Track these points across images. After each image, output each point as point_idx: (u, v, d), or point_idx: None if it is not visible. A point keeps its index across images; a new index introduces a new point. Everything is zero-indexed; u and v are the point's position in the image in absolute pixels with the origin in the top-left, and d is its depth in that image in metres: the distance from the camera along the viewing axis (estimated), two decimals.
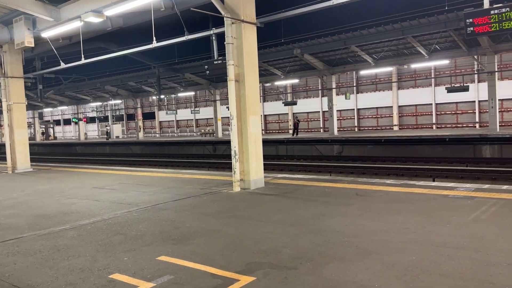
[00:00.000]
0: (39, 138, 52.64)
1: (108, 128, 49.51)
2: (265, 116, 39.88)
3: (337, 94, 32.25)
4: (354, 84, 33.96)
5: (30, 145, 17.91)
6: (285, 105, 33.67)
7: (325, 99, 33.10)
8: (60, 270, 4.70)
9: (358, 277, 4.09)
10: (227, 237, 5.70)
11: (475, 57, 23.65)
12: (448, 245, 4.91)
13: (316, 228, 5.92)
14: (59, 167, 17.75)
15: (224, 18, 9.33)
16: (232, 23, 9.40)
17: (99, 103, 48.69)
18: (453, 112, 29.99)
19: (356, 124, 34.58)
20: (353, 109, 34.57)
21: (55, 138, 56.80)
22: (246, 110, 9.58)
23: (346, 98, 29.75)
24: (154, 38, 12.04)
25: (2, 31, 15.79)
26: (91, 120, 48.39)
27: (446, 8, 14.43)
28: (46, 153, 40.63)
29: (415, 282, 3.89)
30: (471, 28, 7.08)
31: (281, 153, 26.50)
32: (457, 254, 4.61)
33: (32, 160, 17.57)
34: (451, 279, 3.93)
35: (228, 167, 19.92)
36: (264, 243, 5.32)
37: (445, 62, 25.26)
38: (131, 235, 6.03)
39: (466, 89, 22.37)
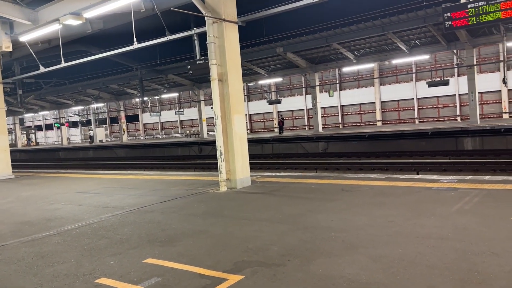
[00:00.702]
0: (20, 144, 51.66)
1: (91, 132, 48.86)
2: (250, 115, 39.88)
3: (321, 92, 32.43)
4: (337, 81, 34.19)
5: (12, 151, 17.58)
6: (269, 104, 33.73)
7: (309, 96, 33.27)
8: (44, 276, 4.62)
9: (346, 271, 4.11)
10: (214, 237, 5.68)
11: (454, 51, 24.04)
12: (433, 237, 4.97)
13: (303, 225, 5.94)
14: (42, 173, 17.45)
15: (205, 17, 9.29)
16: (214, 22, 9.36)
17: (81, 107, 47.97)
18: (435, 106, 30.43)
19: (340, 121, 34.83)
20: (337, 106, 34.82)
21: (37, 144, 55.82)
22: (230, 109, 9.56)
23: (329, 95, 29.95)
24: (135, 39, 11.92)
25: None
26: (74, 124, 47.73)
27: (425, 3, 14.62)
28: (28, 159, 39.92)
29: (402, 274, 3.93)
30: (449, 22, 7.19)
31: (267, 152, 26.53)
32: (442, 245, 4.67)
33: (13, 167, 17.24)
34: (437, 269, 3.99)
35: (214, 167, 19.87)
36: (251, 242, 5.31)
37: (425, 57, 25.60)
38: (116, 238, 5.96)
39: (446, 83, 22.72)
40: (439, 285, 3.65)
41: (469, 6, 6.92)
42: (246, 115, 38.19)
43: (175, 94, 40.18)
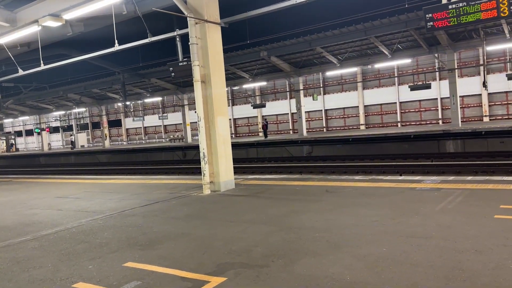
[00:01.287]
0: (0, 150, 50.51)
1: (73, 137, 48.06)
2: (235, 119, 39.77)
3: (305, 96, 32.57)
4: (321, 85, 34.38)
5: None
6: (254, 108, 33.65)
7: (293, 101, 33.33)
8: (19, 282, 4.44)
9: (330, 270, 4.04)
10: (197, 240, 5.56)
11: (436, 55, 24.41)
12: (417, 235, 4.95)
13: (287, 226, 5.86)
14: (20, 178, 17.02)
15: (188, 18, 9.19)
16: (196, 23, 9.27)
17: (62, 112, 47.20)
18: (417, 110, 30.81)
19: (324, 125, 34.98)
20: (321, 110, 34.97)
21: (17, 149, 54.62)
22: (214, 111, 9.45)
23: (313, 99, 30.06)
24: (116, 41, 11.74)
25: None
26: (55, 130, 46.88)
27: (407, 6, 14.80)
28: (7, 165, 39.00)
29: (386, 273, 3.88)
30: (431, 23, 7.25)
31: (252, 156, 26.44)
32: (426, 243, 4.65)
33: None
34: (421, 267, 3.95)
35: (198, 171, 19.67)
36: (235, 243, 5.21)
37: (407, 61, 25.94)
38: (96, 243, 5.78)
39: (428, 86, 23.02)
40: (424, 282, 3.61)
41: (450, 7, 6.99)
42: (230, 119, 38.05)
43: (159, 99, 39.82)
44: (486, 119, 27.69)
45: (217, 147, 9.50)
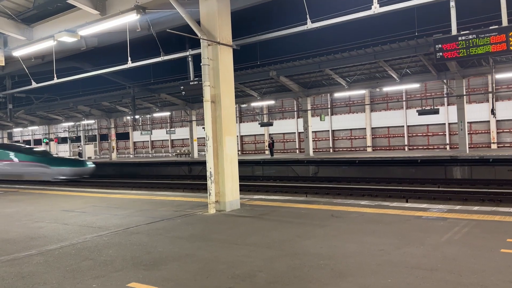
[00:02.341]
0: None
1: (81, 148, 48.40)
2: (242, 136, 39.90)
3: (312, 116, 32.65)
4: (329, 106, 34.49)
5: None
6: (261, 126, 33.81)
7: (301, 120, 33.44)
8: None
9: None
10: (201, 262, 5.56)
11: (444, 81, 24.49)
12: (423, 267, 4.92)
13: (291, 251, 5.85)
14: (27, 189, 17.13)
15: (201, 40, 9.36)
16: (209, 45, 9.43)
17: (71, 123, 47.67)
18: (424, 134, 30.75)
19: (331, 145, 34.97)
20: (328, 131, 35.01)
21: None
22: (222, 131, 9.54)
23: (321, 120, 30.17)
24: (129, 59, 11.96)
25: None
26: (63, 140, 47.18)
27: (416, 34, 14.98)
28: None
29: None
30: (440, 54, 7.33)
31: (258, 174, 26.43)
32: (432, 276, 4.62)
33: None
34: None
35: (203, 188, 19.69)
36: (238, 267, 5.20)
37: (415, 85, 26.02)
38: (100, 260, 5.81)
39: (436, 112, 23.05)
40: None
41: (459, 38, 7.07)
42: (237, 136, 38.20)
43: (167, 113, 40.16)
44: (494, 146, 27.55)
45: (224, 166, 9.55)
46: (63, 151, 54.86)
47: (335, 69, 24.59)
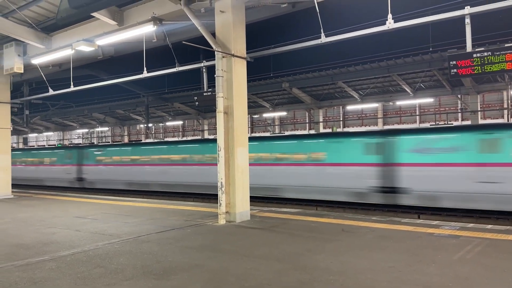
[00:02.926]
0: None
1: None
2: None
3: (324, 128, 32.62)
4: (341, 119, 34.41)
5: (12, 171, 17.55)
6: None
7: (313, 132, 33.38)
8: None
9: None
10: (210, 273, 5.58)
11: (459, 96, 24.30)
12: (434, 286, 4.87)
13: (301, 265, 5.84)
14: (41, 195, 17.36)
15: (215, 52, 9.48)
16: (223, 57, 9.55)
17: (85, 130, 48.27)
18: None
19: None
20: None
21: None
22: (234, 142, 9.60)
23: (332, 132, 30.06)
24: (145, 69, 12.14)
25: None
26: None
27: (431, 48, 14.94)
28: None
29: None
30: (455, 70, 7.31)
31: None
32: None
33: (13, 186, 17.18)
34: None
35: (213, 198, 19.72)
36: (247, 280, 5.21)
37: (429, 100, 25.86)
38: (111, 268, 5.86)
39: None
40: None
41: (474, 55, 7.06)
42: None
43: (180, 122, 40.44)
44: None
45: (235, 177, 9.59)
46: None
47: (348, 82, 24.59)
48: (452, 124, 23.32)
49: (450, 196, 13.72)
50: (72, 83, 14.62)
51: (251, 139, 14.21)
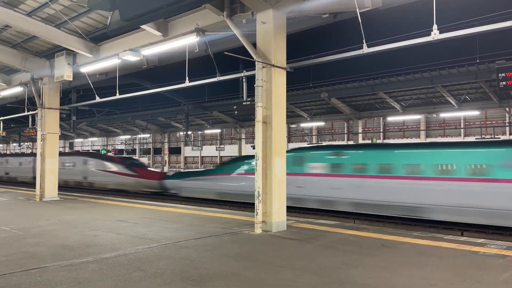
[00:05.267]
0: None
1: None
2: None
3: (363, 139, 32.08)
4: (381, 130, 33.75)
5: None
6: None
7: (351, 143, 32.91)
8: None
9: None
10: (246, 282, 5.60)
11: (507, 109, 23.27)
12: None
13: (338, 279, 5.75)
14: (84, 198, 18.06)
15: (256, 62, 9.59)
16: (263, 67, 9.64)
17: (128, 136, 49.91)
18: None
19: None
20: None
21: None
22: (272, 152, 9.62)
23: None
24: (187, 78, 12.44)
25: (44, 64, 16.66)
26: (119, 152, 49.52)
27: (478, 60, 14.42)
28: None
29: None
30: (504, 82, 7.03)
31: None
32: None
33: (59, 189, 17.96)
34: None
35: (249, 206, 19.77)
36: None
37: (475, 113, 24.91)
38: (151, 272, 6.00)
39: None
40: None
41: None
42: None
43: (218, 130, 41.08)
44: None
45: (272, 187, 9.60)
46: None
47: (389, 92, 24.13)
48: (499, 138, 22.34)
49: None
50: (117, 91, 15.18)
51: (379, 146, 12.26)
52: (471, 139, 27.82)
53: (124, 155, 45.85)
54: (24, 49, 16.23)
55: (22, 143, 45.02)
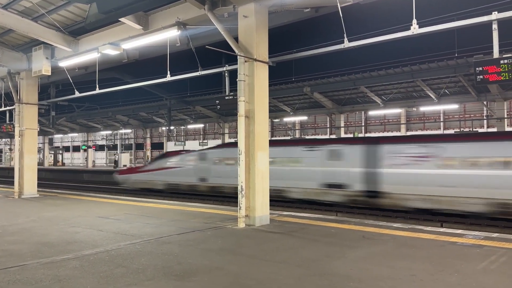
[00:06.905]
0: (47, 163, 53.03)
1: (116, 156, 49.81)
2: None
3: (345, 133, 32.39)
4: (363, 124, 34.12)
5: (38, 170, 18.01)
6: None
7: (334, 137, 33.18)
8: None
9: None
10: (230, 276, 5.61)
11: (485, 103, 23.78)
12: None
13: (321, 271, 5.81)
14: (65, 194, 17.77)
15: (238, 56, 9.56)
16: (245, 61, 9.61)
17: (109, 132, 49.25)
18: None
19: None
20: None
21: (63, 164, 57.18)
22: (255, 146, 9.63)
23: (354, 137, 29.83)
24: (169, 72, 12.32)
25: (21, 58, 16.26)
26: (100, 148, 48.90)
27: (456, 54, 14.68)
28: (53, 178, 40.78)
29: None
30: (481, 76, 7.17)
31: None
32: None
33: (38, 185, 17.63)
34: None
35: (233, 201, 19.78)
36: (268, 284, 5.22)
37: (454, 106, 25.39)
38: (133, 268, 5.96)
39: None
40: None
41: (502, 62, 6.91)
42: None
43: (201, 125, 40.87)
44: None
45: (255, 181, 9.61)
46: (100, 158, 56.59)
47: (371, 87, 24.39)
48: (477, 131, 22.85)
49: None
50: (97, 86, 14.95)
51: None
52: (451, 132, 28.36)
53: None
54: (0, 42, 15.80)
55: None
